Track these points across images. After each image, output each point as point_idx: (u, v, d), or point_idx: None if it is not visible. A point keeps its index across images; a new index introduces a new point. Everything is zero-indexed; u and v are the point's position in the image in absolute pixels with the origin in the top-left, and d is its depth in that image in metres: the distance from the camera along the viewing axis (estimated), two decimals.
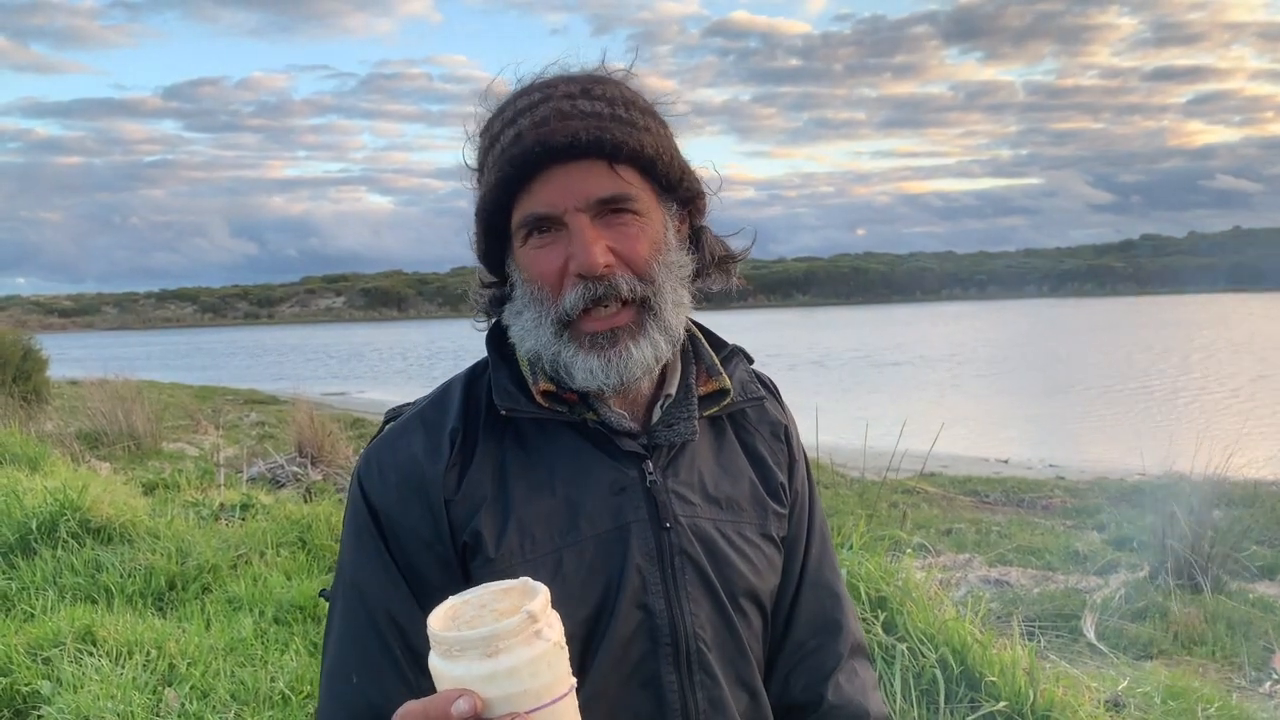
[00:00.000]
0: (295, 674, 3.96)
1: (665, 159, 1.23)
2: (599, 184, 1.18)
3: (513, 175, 1.18)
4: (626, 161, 1.19)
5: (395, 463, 1.24)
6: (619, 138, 1.18)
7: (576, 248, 1.18)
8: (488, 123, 1.26)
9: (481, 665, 0.91)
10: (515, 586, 1.00)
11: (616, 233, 1.20)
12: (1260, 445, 11.93)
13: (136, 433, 11.72)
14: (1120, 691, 4.12)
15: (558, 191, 1.18)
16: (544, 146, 1.16)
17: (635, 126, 1.21)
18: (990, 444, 16.07)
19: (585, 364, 1.21)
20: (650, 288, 1.22)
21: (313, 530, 5.97)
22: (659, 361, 1.25)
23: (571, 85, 1.22)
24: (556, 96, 1.20)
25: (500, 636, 0.91)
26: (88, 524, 5.64)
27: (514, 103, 1.23)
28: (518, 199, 1.20)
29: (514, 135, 1.19)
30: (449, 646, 0.92)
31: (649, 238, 1.23)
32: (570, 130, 1.16)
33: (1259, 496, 9.36)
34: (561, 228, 1.19)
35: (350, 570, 1.24)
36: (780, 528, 1.36)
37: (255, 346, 74.11)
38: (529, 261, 1.22)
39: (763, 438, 1.39)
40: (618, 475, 1.25)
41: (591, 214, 1.19)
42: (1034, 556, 7.95)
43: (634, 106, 1.23)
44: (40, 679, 3.88)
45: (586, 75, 1.25)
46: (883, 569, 3.92)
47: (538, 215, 1.19)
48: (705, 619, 1.25)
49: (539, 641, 0.92)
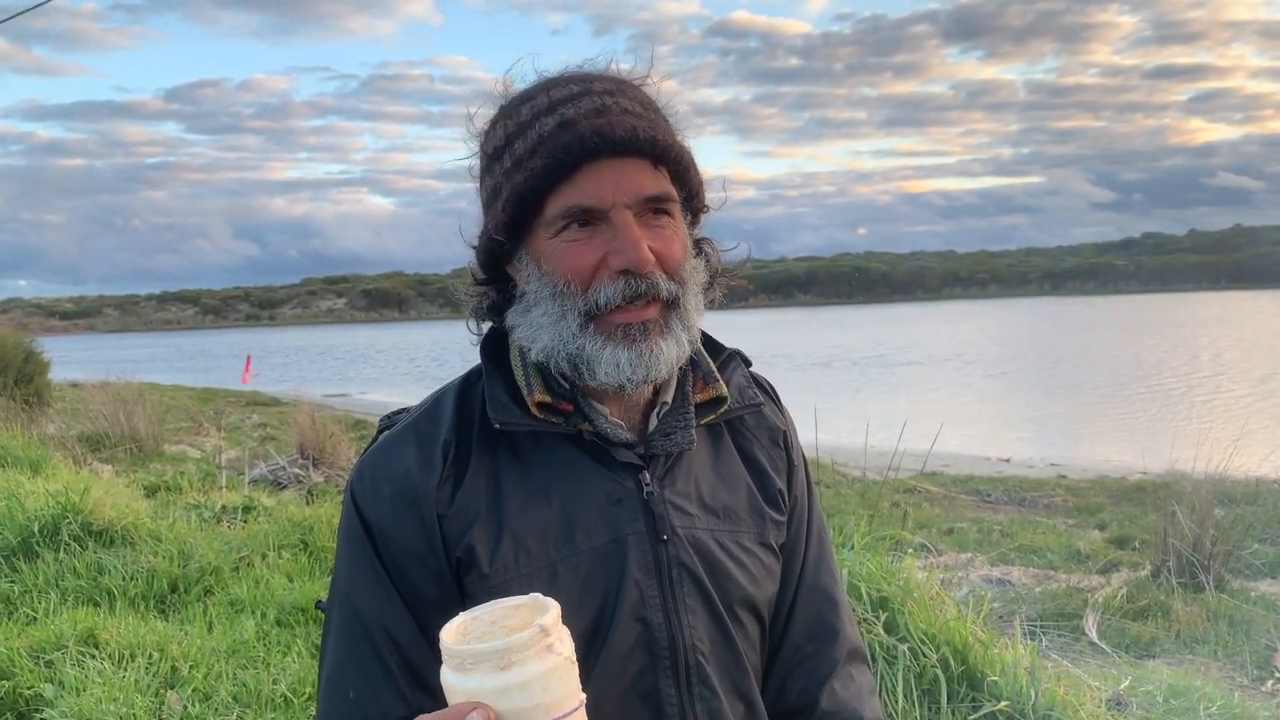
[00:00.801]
0: (297, 676, 3.96)
1: (694, 169, 1.23)
2: (646, 182, 1.18)
3: (565, 161, 1.15)
4: (669, 164, 1.19)
5: (388, 475, 1.23)
6: (667, 141, 1.18)
7: (625, 243, 1.16)
8: (507, 109, 1.23)
9: (494, 678, 0.91)
10: (526, 603, 1.00)
11: (654, 233, 1.19)
12: (1262, 443, 11.91)
13: (138, 435, 11.72)
14: (1122, 690, 4.11)
15: (608, 185, 1.16)
16: (602, 137, 1.14)
17: (672, 133, 1.21)
18: (992, 443, 16.07)
19: (613, 356, 1.18)
20: (680, 288, 1.21)
21: (315, 532, 5.97)
22: (680, 361, 1.23)
23: (609, 83, 1.21)
24: (597, 91, 1.19)
25: (513, 650, 0.91)
26: (90, 527, 5.64)
27: (546, 91, 1.21)
28: (557, 189, 1.17)
29: (560, 121, 1.16)
30: (462, 660, 0.93)
31: (680, 240, 1.23)
32: (629, 125, 1.15)
33: (1260, 494, 9.34)
34: (602, 222, 1.17)
35: (345, 583, 1.24)
36: (779, 535, 1.35)
37: (259, 348, 74.07)
38: (560, 254, 1.19)
39: (761, 444, 1.38)
40: (614, 487, 1.23)
41: (635, 211, 1.18)
42: (1036, 555, 7.95)
43: (662, 113, 1.24)
44: (43, 682, 3.88)
45: (614, 76, 1.24)
46: (884, 569, 3.91)
47: (583, 207, 1.17)
48: (703, 631, 1.24)
49: (551, 655, 0.93)
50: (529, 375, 1.25)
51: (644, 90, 1.25)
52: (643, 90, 1.25)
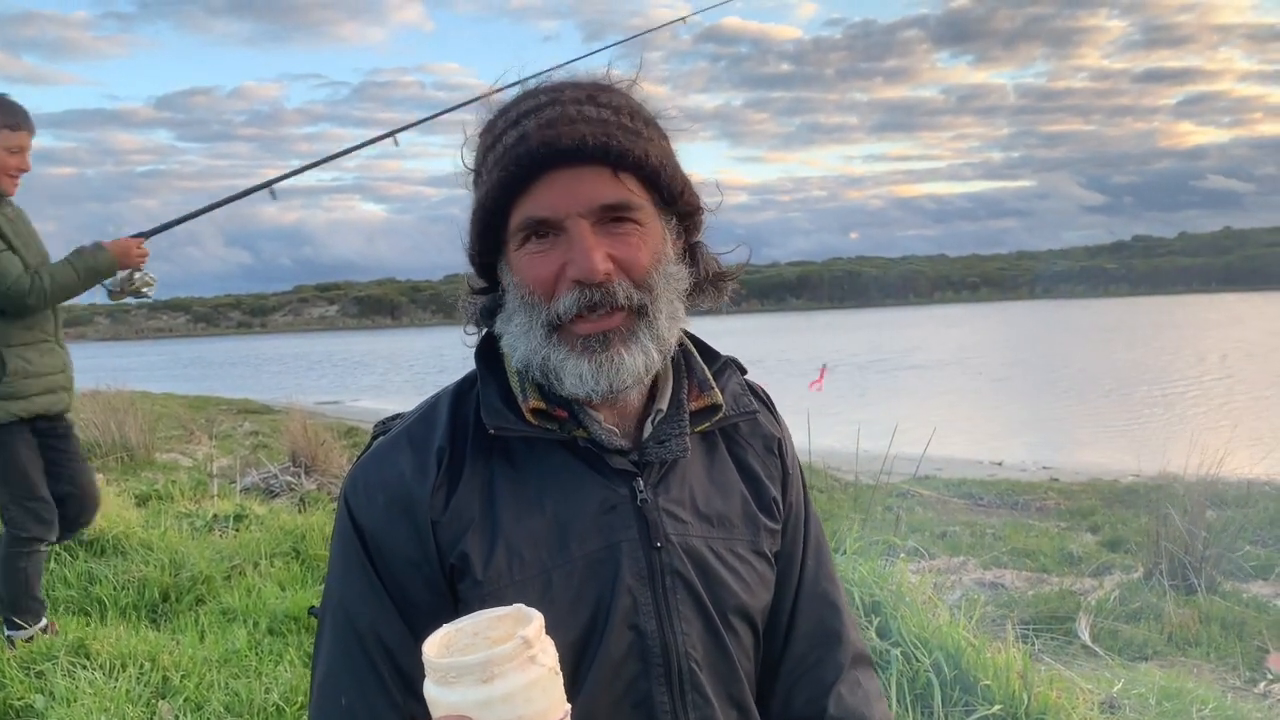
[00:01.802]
0: (290, 685, 3.95)
1: (668, 171, 1.22)
2: (602, 190, 1.17)
3: (516, 175, 1.16)
4: (631, 170, 1.18)
5: (382, 482, 1.22)
6: (625, 145, 1.16)
7: (577, 254, 1.16)
8: (490, 123, 1.24)
9: (477, 691, 0.91)
10: (509, 614, 1.00)
11: (617, 240, 1.18)
12: (1253, 445, 11.96)
13: (129, 444, 11.67)
14: (1115, 693, 4.12)
15: (560, 195, 1.16)
16: (549, 148, 1.14)
17: (640, 136, 1.19)
18: (984, 446, 16.09)
19: (575, 368, 1.18)
20: (647, 296, 1.20)
21: (307, 540, 5.96)
22: (649, 371, 1.22)
23: (578, 91, 1.21)
24: (563, 100, 1.19)
25: (495, 662, 0.91)
26: (80, 536, 5.61)
27: (519, 104, 1.22)
28: (517, 201, 1.18)
29: (518, 136, 1.17)
30: (444, 673, 0.92)
31: (649, 247, 1.21)
32: (577, 134, 1.15)
33: (1252, 496, 9.38)
34: (560, 233, 1.17)
35: (338, 590, 1.24)
36: (773, 543, 1.35)
37: (253, 356, 73.93)
38: (524, 265, 1.20)
39: (755, 452, 1.37)
40: (608, 494, 1.23)
41: (592, 220, 1.17)
42: (1028, 559, 7.96)
43: (638, 116, 1.22)
44: (33, 693, 3.86)
45: (592, 82, 1.24)
46: (876, 573, 3.92)
47: (537, 219, 1.17)
48: (697, 638, 1.23)
49: (533, 667, 0.92)
50: (523, 381, 1.25)
51: (629, 95, 1.24)
52: (628, 95, 1.24)
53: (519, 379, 1.26)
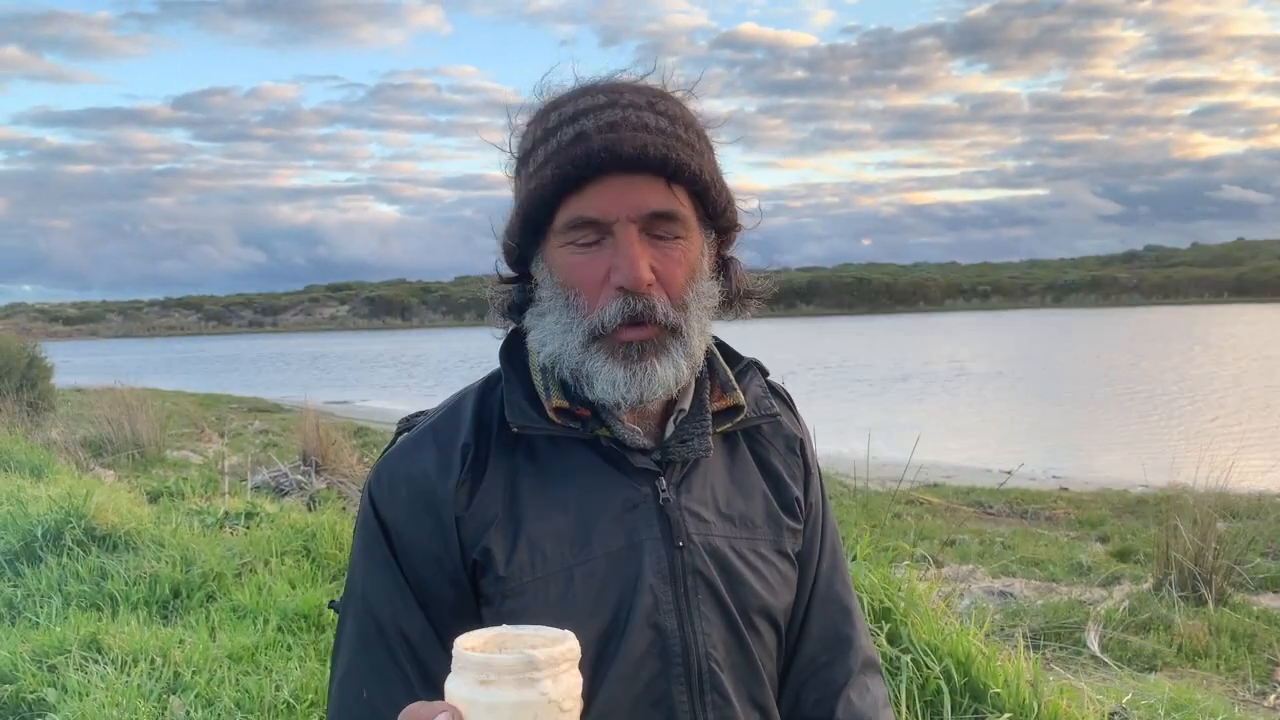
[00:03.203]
0: (300, 683, 3.96)
1: (716, 187, 1.23)
2: (654, 199, 1.18)
3: (571, 174, 1.16)
4: (684, 183, 1.19)
5: (406, 477, 1.23)
6: (682, 158, 1.17)
7: (623, 260, 1.17)
8: (542, 113, 1.24)
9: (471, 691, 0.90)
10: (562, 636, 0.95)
11: (659, 251, 1.19)
12: (1265, 457, 11.90)
13: (141, 440, 11.72)
14: (1124, 704, 4.11)
15: (613, 199, 1.17)
16: (610, 153, 1.15)
17: (694, 149, 1.20)
18: (994, 455, 16.05)
19: (610, 375, 1.19)
20: (682, 315, 1.21)
21: (317, 539, 5.97)
22: (678, 384, 1.23)
23: (638, 95, 1.21)
24: (623, 104, 1.19)
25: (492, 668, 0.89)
26: (93, 531, 5.64)
27: (575, 100, 1.22)
28: (568, 198, 1.18)
29: (576, 133, 1.17)
30: (454, 662, 0.92)
31: (688, 262, 1.22)
32: (639, 142, 1.15)
33: (1263, 508, 9.34)
34: (606, 236, 1.18)
35: (360, 584, 1.24)
36: (795, 543, 1.35)
37: (263, 353, 74.08)
38: (568, 264, 1.20)
39: (777, 451, 1.38)
40: (630, 492, 1.23)
41: (639, 227, 1.18)
42: (1037, 568, 7.95)
43: (693, 128, 1.23)
44: (46, 686, 3.89)
45: (651, 88, 1.24)
46: (886, 580, 3.91)
47: (587, 219, 1.18)
48: (718, 638, 1.23)
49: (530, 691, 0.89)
50: (547, 380, 1.26)
51: (685, 106, 1.24)
52: (680, 105, 1.24)
53: (542, 377, 1.26)
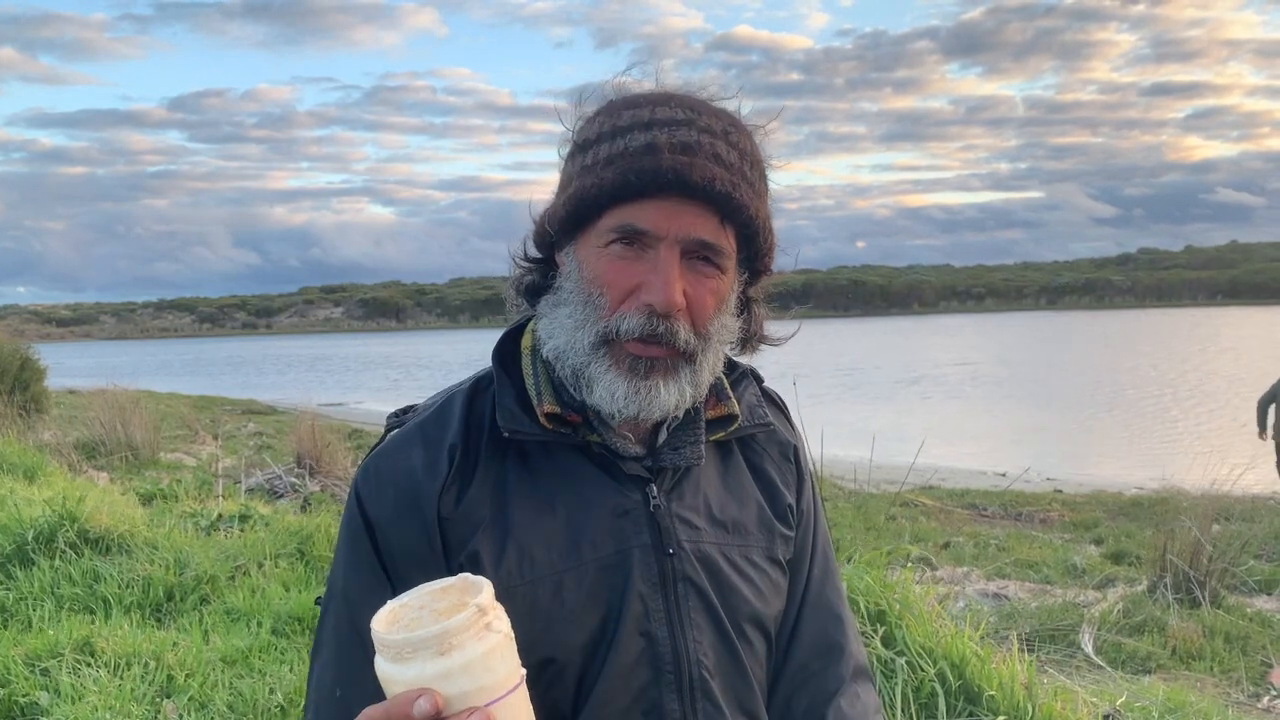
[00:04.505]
0: (294, 686, 3.95)
1: (765, 232, 1.23)
2: (705, 229, 1.17)
3: (634, 184, 1.16)
4: (737, 224, 1.19)
5: (393, 476, 1.22)
6: (744, 200, 1.17)
7: (659, 280, 1.16)
8: (614, 107, 1.23)
9: (435, 664, 0.90)
10: (454, 584, 0.99)
11: (695, 279, 1.19)
12: (1257, 459, 11.92)
13: (134, 443, 11.70)
14: (1118, 707, 4.11)
15: (666, 218, 1.16)
16: (678, 176, 1.14)
17: (755, 191, 1.20)
18: (988, 457, 16.08)
19: (611, 384, 1.18)
20: (702, 344, 1.21)
21: (311, 542, 5.96)
22: (678, 409, 1.23)
23: (715, 121, 1.20)
24: (699, 126, 1.18)
25: (452, 633, 0.90)
26: (86, 534, 5.62)
27: (652, 105, 1.20)
28: (619, 205, 1.17)
29: (646, 143, 1.16)
30: (399, 649, 0.91)
31: (720, 294, 1.22)
32: (709, 174, 1.15)
33: (1257, 511, 9.37)
34: (648, 250, 1.17)
35: (342, 581, 1.24)
36: (787, 550, 1.34)
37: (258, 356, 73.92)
38: (602, 266, 1.19)
39: (771, 458, 1.37)
40: (621, 499, 1.23)
41: (682, 250, 1.17)
42: (1032, 570, 7.96)
43: (757, 168, 1.23)
44: (38, 690, 3.87)
45: (729, 115, 1.23)
46: (881, 583, 3.92)
47: (636, 229, 1.17)
48: (708, 646, 1.23)
49: (490, 635, 0.92)
50: (539, 384, 1.25)
51: (752, 140, 1.24)
52: (751, 139, 1.24)
53: (534, 381, 1.25)
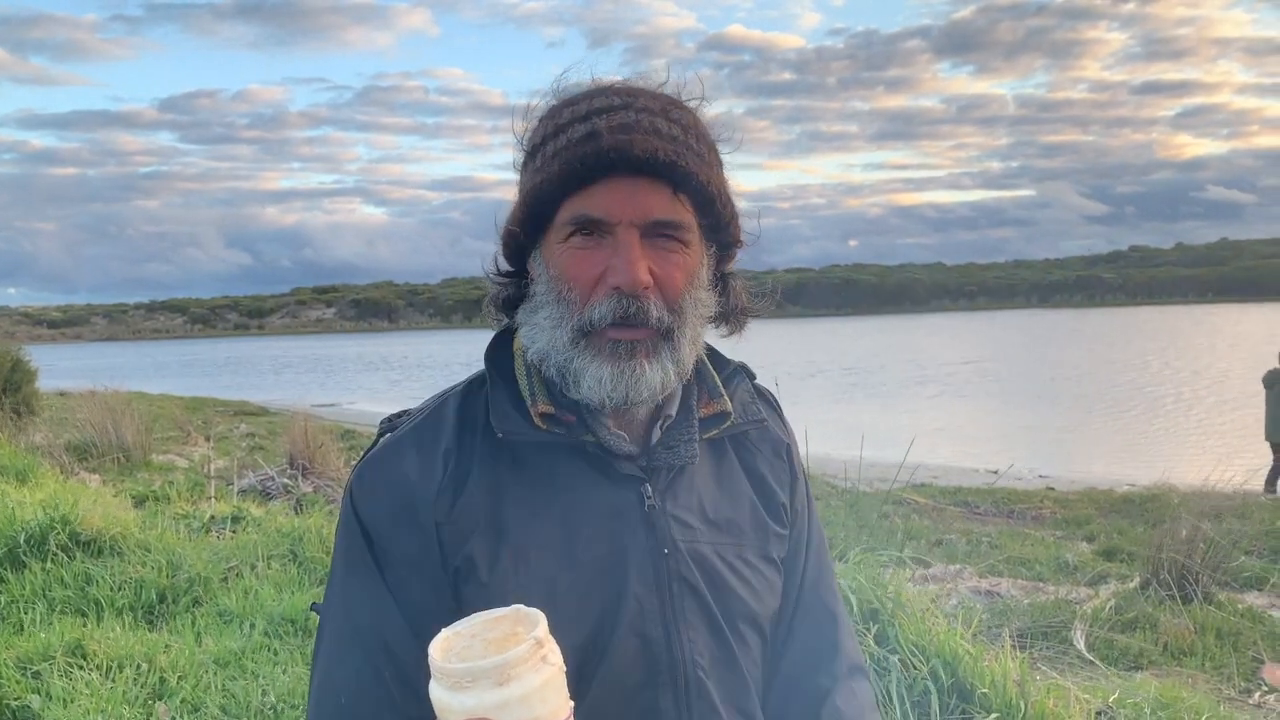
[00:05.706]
0: (286, 687, 3.95)
1: (722, 200, 1.23)
2: (659, 205, 1.18)
3: (579, 171, 1.16)
4: (690, 193, 1.19)
5: (387, 481, 1.22)
6: (691, 168, 1.18)
7: (621, 261, 1.17)
8: (554, 109, 1.24)
9: (494, 694, 0.92)
10: (507, 614, 1.01)
11: (659, 256, 1.19)
12: (1249, 456, 11.97)
13: (126, 444, 11.67)
14: (1110, 703, 4.12)
15: (618, 201, 1.17)
16: (620, 154, 1.15)
17: (704, 161, 1.21)
18: (980, 455, 16.11)
19: (597, 372, 1.18)
20: (676, 319, 1.21)
21: (304, 543, 5.95)
22: (665, 389, 1.23)
23: (653, 101, 1.21)
24: (637, 107, 1.19)
25: (511, 665, 0.92)
26: (77, 536, 5.60)
27: (589, 99, 1.22)
28: (573, 195, 1.18)
29: (587, 132, 1.17)
30: (458, 678, 0.93)
31: (687, 268, 1.22)
32: (650, 147, 1.16)
33: (1249, 508, 9.40)
34: (606, 237, 1.18)
35: (340, 588, 1.23)
36: (781, 549, 1.34)
37: (249, 357, 73.73)
38: (566, 260, 1.20)
39: (764, 457, 1.37)
40: (615, 499, 1.22)
41: (642, 232, 1.18)
42: (1024, 567, 7.98)
43: (704, 140, 1.23)
44: (30, 693, 3.86)
45: (666, 96, 1.24)
46: (874, 581, 3.92)
47: (591, 218, 1.18)
48: (703, 646, 1.23)
49: (545, 667, 0.94)
50: (533, 385, 1.25)
51: (697, 117, 1.25)
52: (693, 115, 1.25)
53: (528, 381, 1.25)
